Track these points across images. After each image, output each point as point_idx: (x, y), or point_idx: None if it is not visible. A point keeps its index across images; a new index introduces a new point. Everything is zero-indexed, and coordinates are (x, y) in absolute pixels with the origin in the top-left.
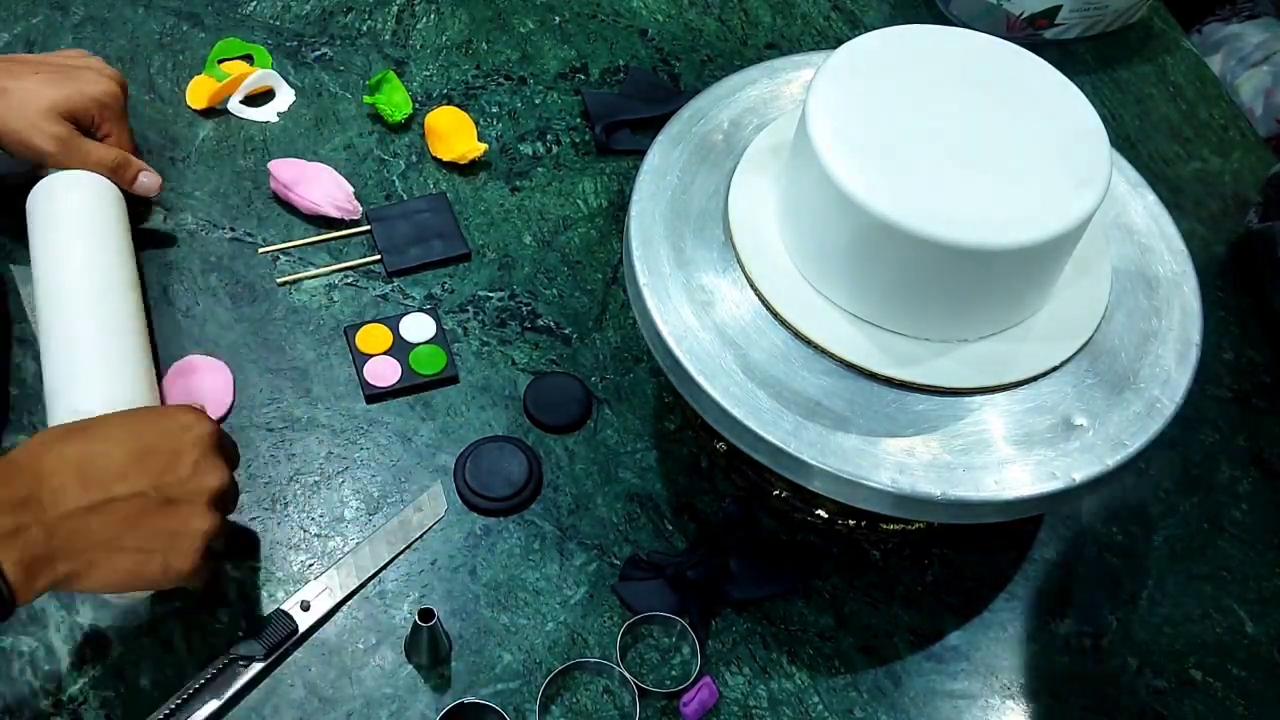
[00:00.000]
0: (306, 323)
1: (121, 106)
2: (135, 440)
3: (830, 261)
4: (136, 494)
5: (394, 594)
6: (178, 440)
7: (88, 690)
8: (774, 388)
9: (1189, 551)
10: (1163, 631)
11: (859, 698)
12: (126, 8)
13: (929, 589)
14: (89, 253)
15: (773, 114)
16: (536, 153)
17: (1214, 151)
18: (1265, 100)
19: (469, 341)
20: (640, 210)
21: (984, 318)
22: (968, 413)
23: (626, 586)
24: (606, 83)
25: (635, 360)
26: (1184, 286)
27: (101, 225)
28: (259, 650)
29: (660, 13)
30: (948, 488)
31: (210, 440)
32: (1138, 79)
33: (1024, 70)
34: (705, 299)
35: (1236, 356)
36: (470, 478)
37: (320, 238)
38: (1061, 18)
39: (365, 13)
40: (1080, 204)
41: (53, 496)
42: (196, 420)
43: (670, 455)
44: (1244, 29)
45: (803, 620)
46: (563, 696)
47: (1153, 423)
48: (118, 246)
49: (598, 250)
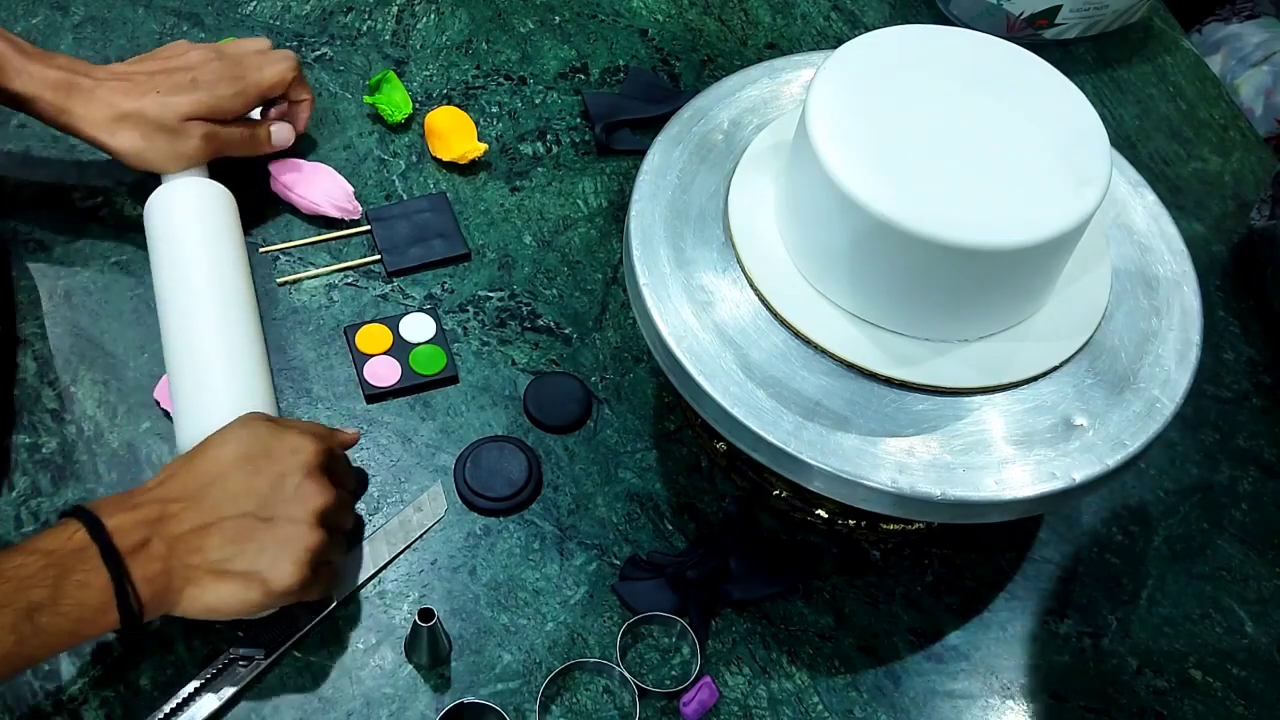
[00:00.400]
0: (306, 323)
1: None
2: (247, 464)
3: (830, 261)
4: (244, 514)
5: (394, 594)
6: (285, 464)
7: (88, 690)
8: (774, 388)
9: (1189, 551)
10: (1163, 631)
11: (859, 698)
12: (126, 8)
13: (929, 589)
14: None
15: (773, 114)
16: (536, 153)
17: (1214, 151)
18: (1265, 100)
19: (469, 341)
20: (640, 210)
21: (984, 318)
22: (968, 413)
23: (626, 586)
24: (606, 83)
25: (635, 360)
26: (1184, 286)
27: (219, 232)
28: (260, 650)
29: (660, 13)
30: (948, 488)
31: (315, 462)
32: (1138, 79)
33: (1024, 70)
34: (705, 299)
35: (1236, 356)
36: (470, 478)
37: (320, 238)
38: (1061, 18)
39: (365, 13)
40: (1080, 204)
41: (174, 519)
42: (304, 443)
43: (670, 455)
44: (1244, 29)
45: (803, 620)
46: (563, 696)
47: (1153, 423)
48: (235, 255)
49: (598, 250)
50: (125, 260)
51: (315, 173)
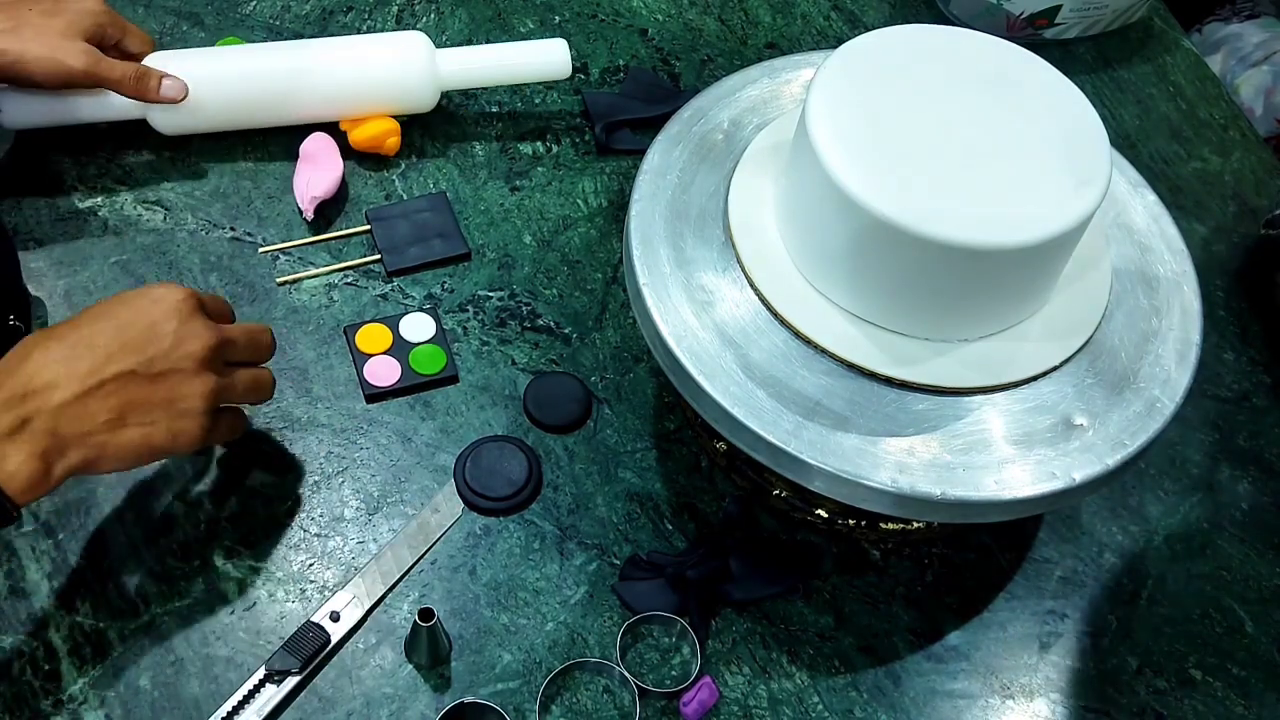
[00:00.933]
0: (306, 322)
1: (119, 20)
2: (113, 323)
3: (830, 261)
4: (125, 372)
5: (394, 594)
6: (151, 313)
7: (87, 690)
8: (774, 388)
9: (1189, 551)
10: (1163, 631)
11: (859, 698)
12: (126, 8)
13: (929, 589)
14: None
15: (773, 114)
16: (536, 153)
17: (1214, 151)
18: (1265, 100)
19: (469, 341)
20: (640, 210)
21: (984, 318)
22: (968, 412)
23: (626, 586)
24: (606, 83)
25: (635, 360)
26: (1184, 286)
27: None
28: (294, 663)
29: (660, 13)
30: (948, 488)
31: (185, 306)
32: (1138, 79)
33: (1024, 70)
34: (705, 299)
35: (1236, 357)
36: (470, 478)
37: (320, 237)
38: (1061, 17)
39: (365, 13)
40: (1080, 204)
41: (47, 391)
42: (168, 290)
43: (670, 455)
44: (1244, 29)
45: (803, 620)
46: (563, 696)
47: (1153, 423)
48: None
49: (598, 250)
50: (125, 260)
51: (329, 164)
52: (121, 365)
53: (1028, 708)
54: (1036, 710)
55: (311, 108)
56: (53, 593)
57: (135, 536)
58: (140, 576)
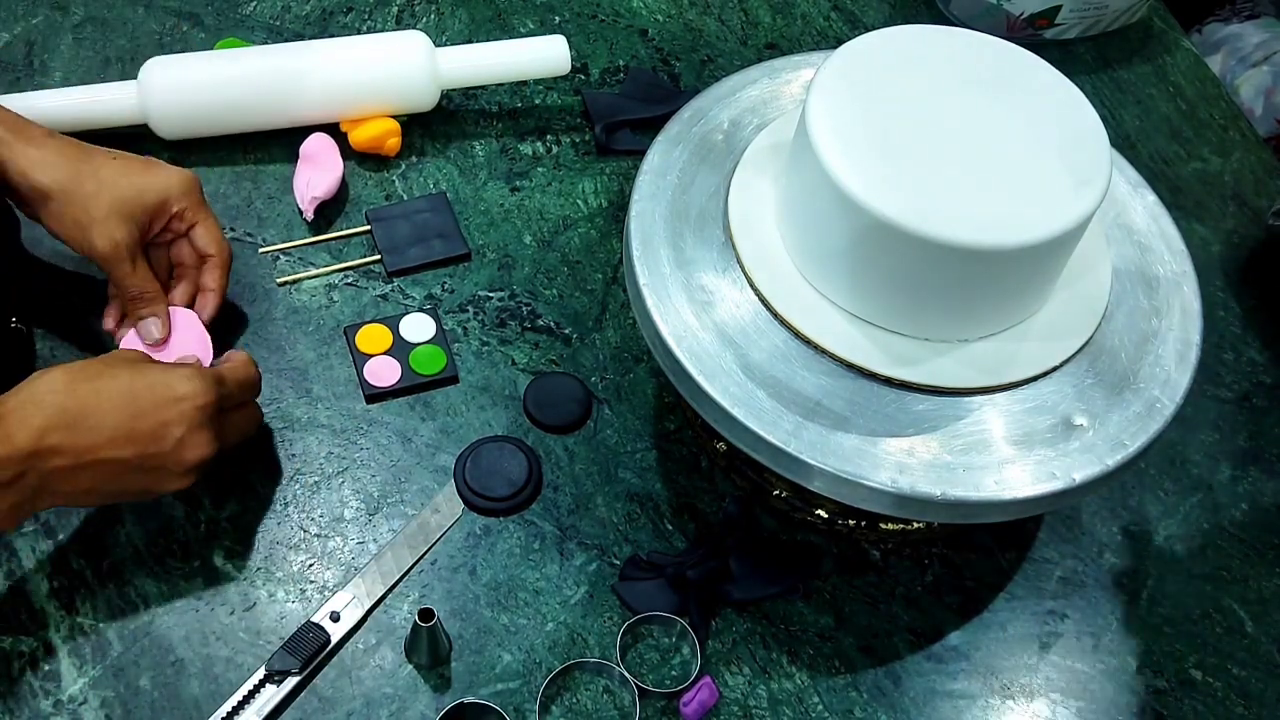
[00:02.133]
0: (306, 323)
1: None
2: (129, 409)
3: (830, 261)
4: (120, 459)
5: (394, 594)
6: (165, 414)
7: (88, 690)
8: (774, 388)
9: (1189, 551)
10: (1163, 631)
11: (859, 698)
12: (126, 8)
13: (929, 589)
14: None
15: (773, 114)
16: (536, 153)
17: (1214, 151)
18: (1265, 100)
19: (469, 341)
20: (640, 210)
21: (984, 318)
22: (968, 413)
23: (626, 586)
24: (606, 83)
25: (635, 360)
26: (1184, 286)
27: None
28: (294, 664)
29: (660, 13)
30: (948, 488)
31: (200, 415)
32: (1138, 79)
33: (1024, 70)
34: (705, 299)
35: (1236, 357)
36: (470, 478)
37: (320, 238)
38: (1061, 18)
39: (365, 13)
40: (1080, 204)
41: (49, 455)
42: (192, 390)
43: (670, 455)
44: (1244, 29)
45: (803, 620)
46: (563, 696)
47: (1153, 423)
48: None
49: (598, 250)
50: None
51: (330, 164)
52: (120, 453)
53: (1028, 708)
54: (1036, 710)
55: (312, 109)
56: (53, 593)
57: (135, 536)
58: (140, 576)
